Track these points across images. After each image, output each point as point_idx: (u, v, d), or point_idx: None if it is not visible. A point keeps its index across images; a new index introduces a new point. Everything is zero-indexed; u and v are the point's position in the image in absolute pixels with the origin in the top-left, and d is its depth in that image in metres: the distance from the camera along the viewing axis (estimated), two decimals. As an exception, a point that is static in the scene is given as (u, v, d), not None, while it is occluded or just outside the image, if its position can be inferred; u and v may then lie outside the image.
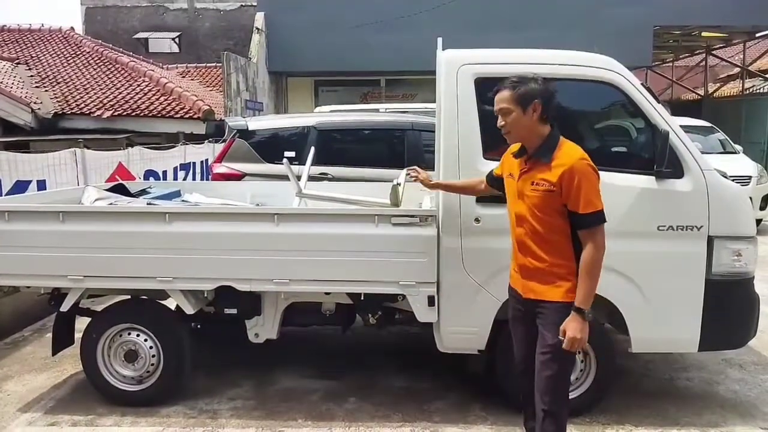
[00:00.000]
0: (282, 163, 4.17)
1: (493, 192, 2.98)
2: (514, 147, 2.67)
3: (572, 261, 2.51)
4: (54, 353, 3.90)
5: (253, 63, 13.66)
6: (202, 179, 9.14)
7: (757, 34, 16.18)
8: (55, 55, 13.92)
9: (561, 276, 2.53)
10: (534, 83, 2.51)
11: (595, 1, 13.49)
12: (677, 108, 17.06)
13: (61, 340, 3.89)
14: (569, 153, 2.48)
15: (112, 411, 3.68)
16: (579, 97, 3.53)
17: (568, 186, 2.43)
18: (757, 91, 16.27)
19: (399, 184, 3.80)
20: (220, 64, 12.71)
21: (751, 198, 3.99)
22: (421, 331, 3.80)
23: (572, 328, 2.42)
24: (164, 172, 8.28)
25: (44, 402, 3.87)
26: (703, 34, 15.96)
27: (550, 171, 2.46)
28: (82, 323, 3.89)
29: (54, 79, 12.54)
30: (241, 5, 19.93)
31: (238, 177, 5.92)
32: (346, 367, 4.33)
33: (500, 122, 2.58)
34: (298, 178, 4.32)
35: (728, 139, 10.78)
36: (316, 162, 5.06)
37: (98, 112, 11.33)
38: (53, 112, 11.25)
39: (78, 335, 3.89)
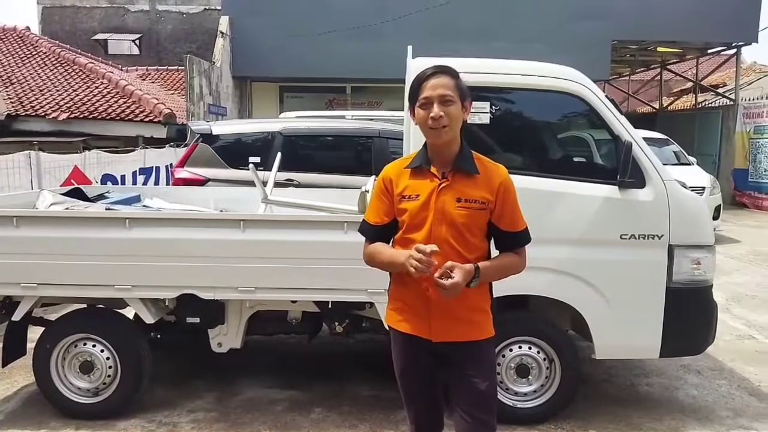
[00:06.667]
0: (247, 169, 4.11)
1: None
2: (404, 161, 2.22)
3: (491, 291, 2.24)
4: (4, 365, 3.74)
5: (217, 67, 13.46)
6: (165, 185, 8.93)
7: (709, 51, 16.84)
8: (9, 54, 13.47)
9: (484, 309, 2.19)
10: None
11: (557, 15, 13.81)
12: (633, 120, 17.45)
13: (13, 350, 3.73)
14: (494, 163, 2.18)
15: (66, 424, 3.54)
16: (545, 107, 3.60)
17: (503, 201, 2.11)
18: (709, 105, 16.96)
19: (367, 191, 3.78)
20: (183, 68, 12.49)
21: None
22: (389, 339, 3.77)
23: (463, 276, 1.99)
24: (123, 177, 8.06)
25: (-7, 416, 3.70)
26: (659, 49, 16.54)
27: (482, 184, 2.10)
28: (35, 333, 3.74)
29: (8, 80, 12.13)
30: (205, 8, 19.67)
31: (201, 182, 5.81)
32: (312, 376, 4.26)
33: (437, 112, 2.03)
34: (264, 183, 4.26)
35: (682, 150, 11.17)
36: (282, 168, 5.01)
37: (54, 114, 10.99)
38: (6, 113, 10.87)
39: (30, 345, 3.73)
